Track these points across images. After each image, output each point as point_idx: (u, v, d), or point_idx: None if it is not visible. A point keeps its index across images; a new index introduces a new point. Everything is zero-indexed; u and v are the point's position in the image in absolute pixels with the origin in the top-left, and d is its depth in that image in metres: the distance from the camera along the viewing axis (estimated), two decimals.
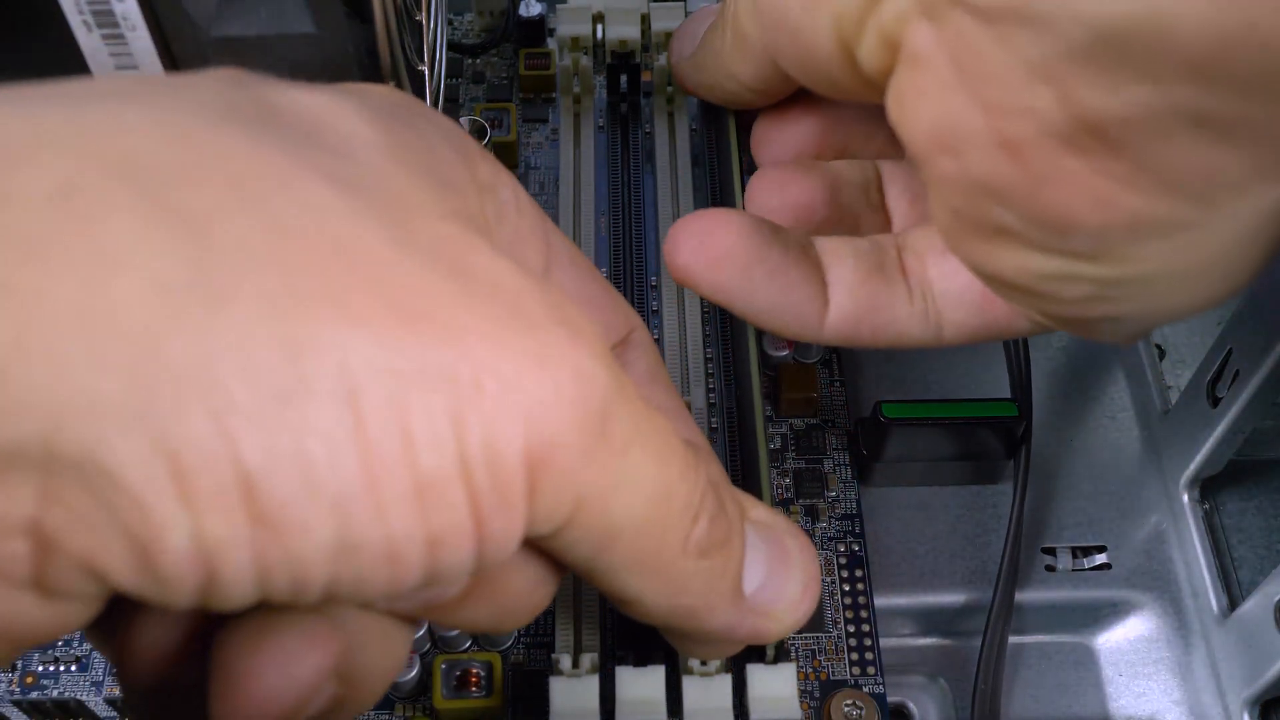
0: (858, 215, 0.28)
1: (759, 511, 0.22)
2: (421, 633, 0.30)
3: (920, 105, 0.20)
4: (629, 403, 0.18)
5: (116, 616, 0.18)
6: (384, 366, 0.15)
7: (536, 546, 0.18)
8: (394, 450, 0.15)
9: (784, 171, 0.28)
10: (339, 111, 0.18)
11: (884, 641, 0.32)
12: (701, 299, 0.34)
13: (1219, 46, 0.16)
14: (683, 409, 0.25)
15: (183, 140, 0.15)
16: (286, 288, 0.15)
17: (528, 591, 0.20)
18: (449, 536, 0.16)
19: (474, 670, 0.29)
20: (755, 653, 0.27)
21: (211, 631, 0.17)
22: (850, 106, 0.29)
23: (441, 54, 0.31)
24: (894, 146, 0.30)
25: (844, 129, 0.29)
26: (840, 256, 0.26)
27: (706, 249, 0.25)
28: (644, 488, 0.18)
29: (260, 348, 0.14)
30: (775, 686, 0.27)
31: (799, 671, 0.30)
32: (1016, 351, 0.34)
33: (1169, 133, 0.18)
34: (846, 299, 0.26)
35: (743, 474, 0.30)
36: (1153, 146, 0.18)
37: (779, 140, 0.30)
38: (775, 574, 0.22)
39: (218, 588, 0.15)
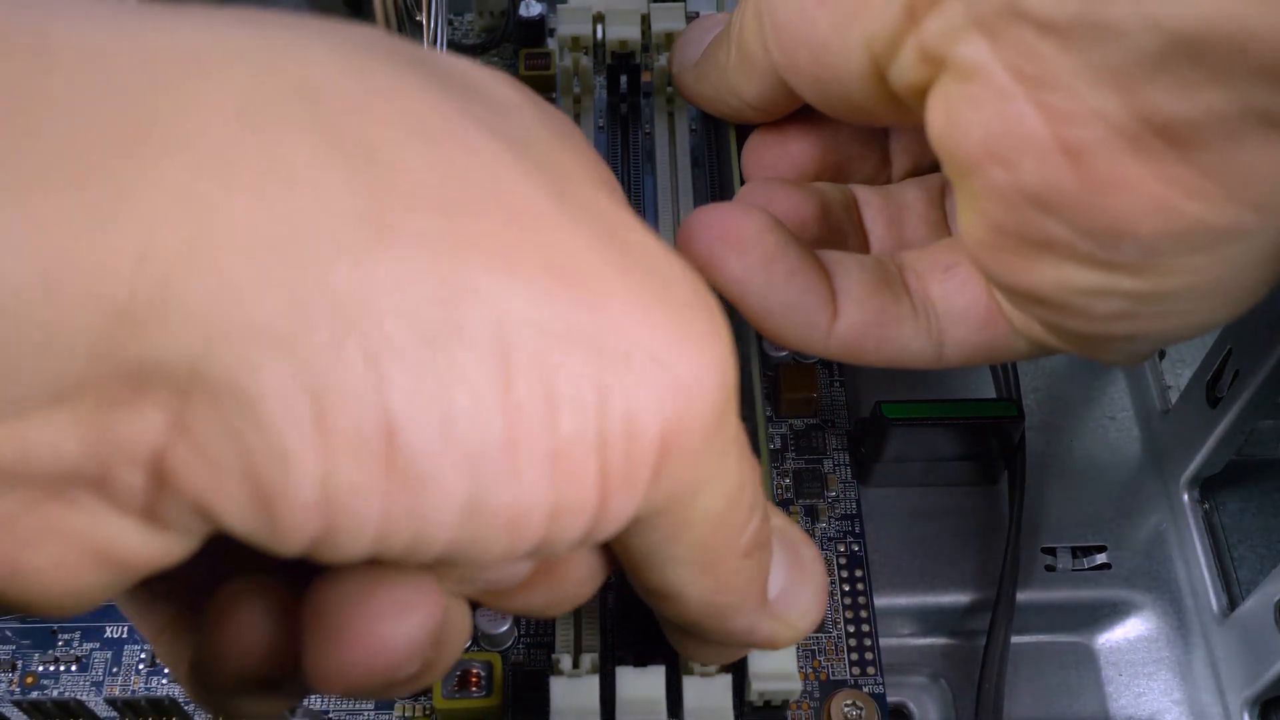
0: (845, 234, 0.28)
1: (776, 519, 0.22)
2: None
3: (973, 115, 0.20)
4: (735, 396, 0.18)
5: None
6: (538, 324, 0.15)
7: None
8: (536, 412, 0.15)
9: (775, 185, 0.28)
10: (486, 75, 0.18)
11: (884, 641, 0.32)
12: None
13: None
14: None
15: (360, 74, 0.15)
16: (452, 231, 0.14)
17: (583, 581, 0.20)
18: (571, 508, 0.16)
19: (474, 670, 0.29)
20: None
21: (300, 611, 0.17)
22: (846, 130, 0.29)
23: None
24: (883, 172, 0.30)
25: (839, 152, 0.29)
26: (847, 268, 0.26)
27: (730, 235, 0.25)
28: (729, 481, 0.18)
29: (420, 287, 0.14)
30: (775, 661, 0.27)
31: (799, 672, 0.30)
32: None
33: (1239, 135, 0.18)
34: (855, 310, 0.25)
35: None
36: (1221, 149, 0.18)
37: (773, 157, 0.29)
38: (793, 581, 0.22)
39: (333, 539, 0.14)
